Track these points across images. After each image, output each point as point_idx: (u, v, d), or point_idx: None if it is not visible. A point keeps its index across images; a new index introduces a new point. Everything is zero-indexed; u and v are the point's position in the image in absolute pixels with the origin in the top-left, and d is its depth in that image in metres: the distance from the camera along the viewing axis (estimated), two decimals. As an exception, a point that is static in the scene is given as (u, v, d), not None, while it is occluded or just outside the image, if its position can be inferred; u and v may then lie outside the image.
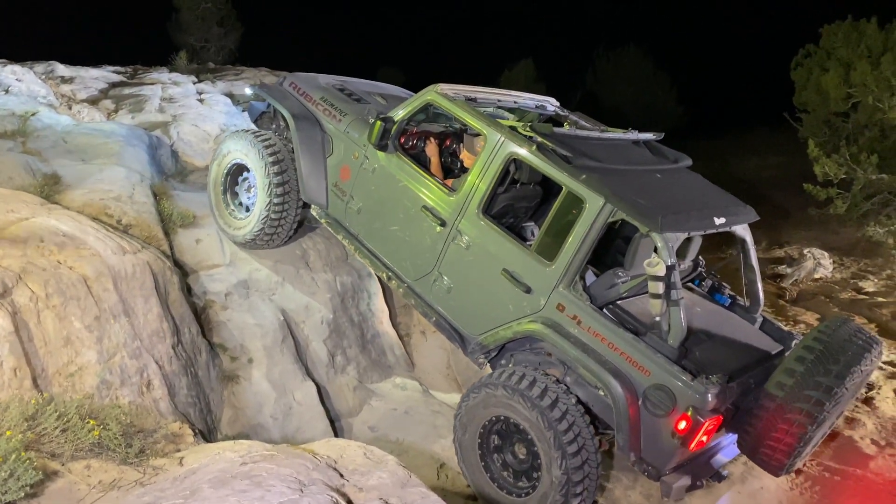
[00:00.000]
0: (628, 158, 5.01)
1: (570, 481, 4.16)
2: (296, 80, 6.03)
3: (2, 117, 6.71)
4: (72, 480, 3.07)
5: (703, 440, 4.02)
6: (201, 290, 5.57)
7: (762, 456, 4.15)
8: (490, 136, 4.76)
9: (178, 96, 9.33)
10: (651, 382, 4.03)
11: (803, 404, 3.88)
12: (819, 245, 11.21)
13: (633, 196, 4.27)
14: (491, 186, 4.72)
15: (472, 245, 4.72)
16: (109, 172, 5.90)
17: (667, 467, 4.13)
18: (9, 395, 3.45)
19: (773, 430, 3.98)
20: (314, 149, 5.53)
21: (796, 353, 4.05)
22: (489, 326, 4.72)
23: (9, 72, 8.52)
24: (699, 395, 3.88)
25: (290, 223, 5.78)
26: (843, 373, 3.87)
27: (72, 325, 3.99)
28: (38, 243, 4.20)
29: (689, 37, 30.50)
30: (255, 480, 2.78)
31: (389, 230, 5.19)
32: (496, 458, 4.63)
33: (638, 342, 4.14)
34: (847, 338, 4.05)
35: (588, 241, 4.31)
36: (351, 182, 5.40)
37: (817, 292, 9.85)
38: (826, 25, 12.51)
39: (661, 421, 4.01)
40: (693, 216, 4.35)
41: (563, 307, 4.36)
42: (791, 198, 14.02)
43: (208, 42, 15.81)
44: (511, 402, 4.35)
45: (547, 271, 4.41)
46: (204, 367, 5.04)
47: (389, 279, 5.28)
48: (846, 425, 6.06)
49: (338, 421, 5.72)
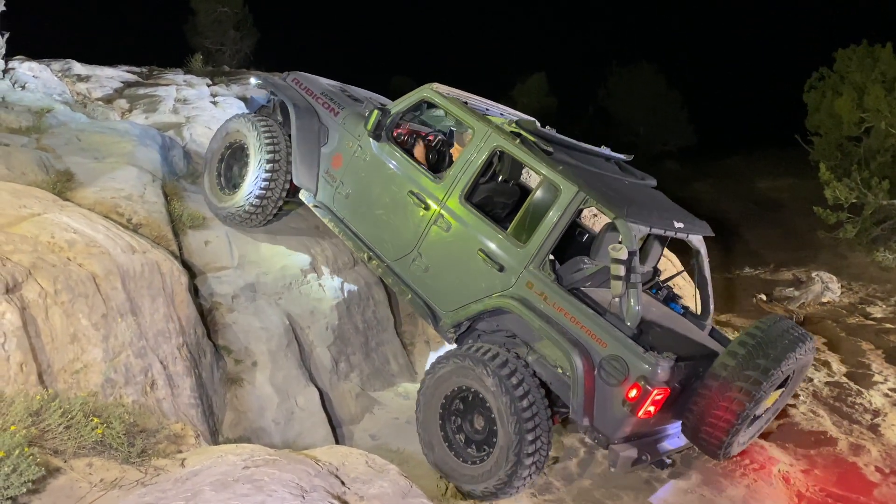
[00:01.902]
0: (601, 167, 5.48)
1: (523, 443, 4.45)
2: (298, 77, 6.43)
3: (18, 113, 6.76)
4: (73, 478, 3.06)
5: (651, 410, 4.34)
6: (208, 292, 5.58)
7: (703, 434, 4.51)
8: (478, 129, 5.18)
9: (192, 98, 9.39)
10: (607, 353, 4.41)
11: (743, 383, 4.30)
12: (827, 269, 11.17)
13: (603, 189, 4.74)
14: (474, 176, 5.13)
15: (453, 227, 5.11)
16: (122, 171, 5.92)
17: (616, 436, 4.46)
18: (14, 389, 3.45)
19: (715, 407, 4.38)
20: (310, 138, 5.91)
21: (739, 339, 4.51)
22: (462, 302, 5.08)
23: (26, 68, 8.60)
24: (650, 366, 4.24)
25: (271, 205, 5.98)
26: (780, 357, 4.33)
27: (79, 322, 4.00)
28: (49, 239, 4.22)
29: (702, 56, 30.54)
30: (257, 485, 2.77)
31: (374, 213, 5.56)
32: (455, 428, 4.90)
33: (597, 317, 4.53)
34: (783, 331, 4.52)
35: (559, 226, 4.74)
36: (342, 169, 5.77)
37: (824, 316, 9.81)
38: (840, 49, 12.51)
39: (613, 389, 4.37)
40: (655, 215, 4.83)
41: (532, 284, 4.76)
42: (800, 220, 13.98)
43: (224, 45, 15.90)
44: (474, 371, 4.68)
45: (520, 252, 4.82)
46: (208, 369, 5.03)
47: (370, 259, 5.61)
48: (851, 451, 6.02)
49: (339, 427, 5.70)
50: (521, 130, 5.08)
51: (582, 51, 31.25)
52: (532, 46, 31.96)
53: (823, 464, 5.84)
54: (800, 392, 7.17)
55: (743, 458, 5.60)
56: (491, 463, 4.61)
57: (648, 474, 5.35)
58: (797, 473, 5.64)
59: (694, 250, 5.55)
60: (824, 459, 5.91)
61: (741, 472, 5.44)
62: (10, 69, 8.45)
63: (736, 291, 11.19)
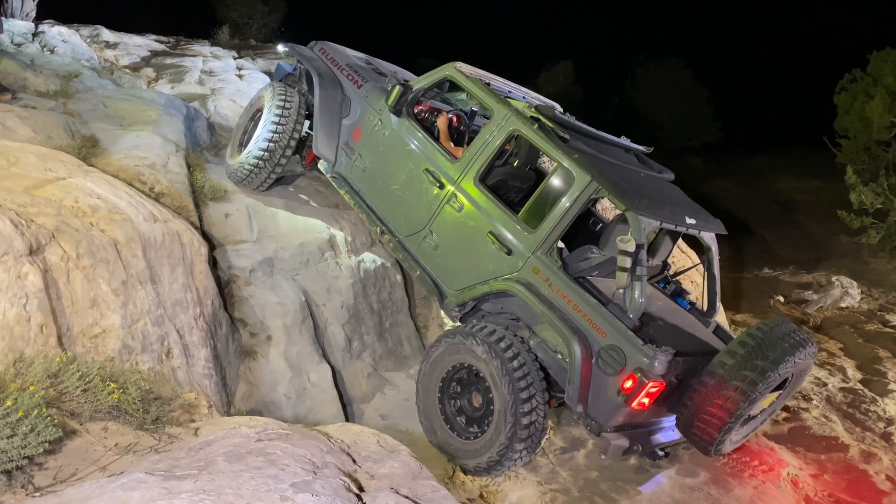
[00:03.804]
0: (618, 157, 5.42)
1: (518, 424, 4.49)
2: (325, 47, 6.51)
3: (46, 77, 6.80)
4: (89, 441, 3.10)
5: (645, 402, 4.39)
6: (226, 265, 5.61)
7: (696, 430, 4.57)
8: (497, 111, 5.17)
9: (218, 70, 9.40)
10: (606, 343, 4.45)
11: (739, 382, 4.32)
12: (848, 274, 11.02)
13: (617, 180, 4.72)
14: (490, 157, 5.14)
15: (465, 208, 5.13)
16: (146, 140, 5.94)
17: (608, 424, 4.51)
18: (34, 350, 3.48)
19: (710, 404, 4.42)
20: (332, 108, 5.96)
21: (739, 339, 4.54)
22: (468, 282, 5.14)
23: (56, 33, 8.63)
24: (648, 358, 4.26)
25: (267, 170, 6.04)
26: (778, 360, 4.35)
27: (99, 287, 4.03)
28: (73, 204, 4.25)
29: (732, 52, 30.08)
30: (270, 458, 2.79)
31: (390, 189, 5.59)
32: (455, 410, 4.95)
33: (600, 307, 4.56)
34: (784, 334, 4.53)
35: (570, 214, 4.76)
36: (362, 142, 5.80)
37: (842, 321, 9.70)
38: (875, 52, 12.27)
39: (610, 378, 4.42)
40: (667, 209, 4.81)
41: (539, 270, 4.79)
42: (823, 223, 13.80)
43: (251, 19, 15.89)
44: (464, 345, 4.78)
45: (529, 237, 4.84)
46: (223, 341, 5.07)
47: (382, 234, 5.66)
48: (862, 459, 5.97)
49: (350, 406, 5.73)
50: (539, 115, 5.07)
51: (611, 41, 30.92)
52: (561, 34, 31.66)
53: (833, 469, 5.80)
54: (813, 396, 7.12)
55: (752, 459, 5.58)
56: (491, 431, 4.65)
57: (655, 470, 5.34)
58: (806, 478, 5.61)
59: (705, 247, 5.55)
60: (834, 465, 5.87)
61: (750, 472, 5.42)
62: (40, 32, 8.49)
63: (753, 292, 11.08)
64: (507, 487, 4.75)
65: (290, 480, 2.61)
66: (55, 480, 2.80)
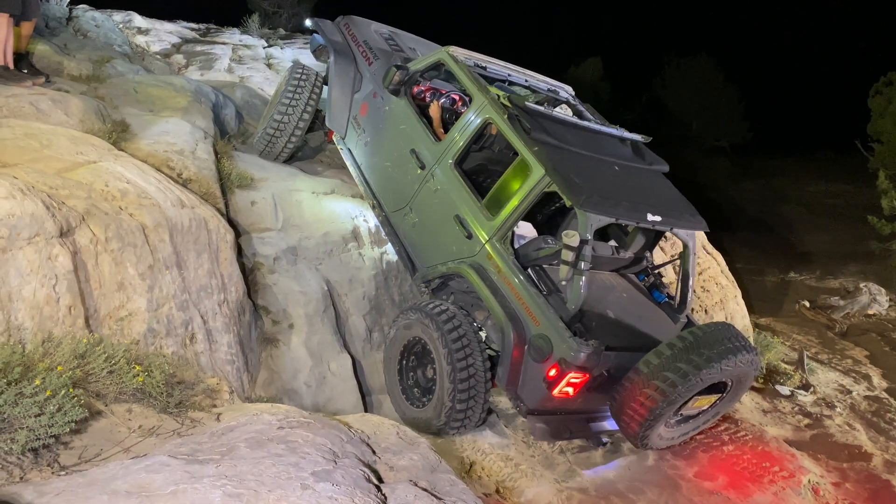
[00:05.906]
0: (597, 148, 5.39)
1: (456, 391, 4.66)
2: (349, 22, 6.72)
3: (78, 61, 6.87)
4: (114, 422, 3.14)
5: (568, 391, 4.55)
6: (251, 252, 5.65)
7: (622, 422, 4.73)
8: (476, 98, 5.31)
9: (247, 59, 9.46)
10: (538, 331, 4.61)
11: (660, 383, 4.43)
12: (876, 280, 10.83)
13: (571, 174, 4.76)
14: (466, 142, 5.28)
15: (439, 190, 5.33)
16: (175, 126, 5.99)
17: (534, 407, 4.71)
18: (62, 331, 3.54)
19: (633, 400, 4.56)
20: (345, 83, 6.21)
21: (669, 341, 4.60)
22: (434, 261, 5.41)
23: (89, 17, 8.73)
24: (572, 351, 4.39)
25: (282, 142, 6.43)
26: (702, 365, 4.41)
27: (126, 270, 4.08)
28: (103, 187, 4.30)
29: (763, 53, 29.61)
30: (291, 446, 2.81)
31: (383, 164, 5.87)
32: (411, 376, 5.21)
33: (539, 296, 4.71)
34: (721, 339, 4.57)
35: (524, 204, 4.87)
36: (366, 118, 6.07)
37: (869, 328, 9.54)
38: (913, 54, 12.00)
39: (537, 366, 4.59)
40: (623, 206, 4.78)
41: (492, 257, 4.97)
42: (852, 228, 13.56)
43: (281, 8, 15.96)
44: (410, 318, 5.06)
45: (488, 224, 5.01)
46: (246, 328, 5.11)
47: (373, 207, 5.97)
48: (885, 469, 5.88)
49: (369, 396, 5.75)
50: (509, 104, 5.14)
51: (641, 38, 30.59)
52: (592, 29, 31.39)
53: (855, 478, 5.71)
54: (837, 403, 7.01)
55: (772, 464, 5.51)
56: (435, 398, 4.84)
57: (673, 472, 5.30)
58: (827, 486, 5.53)
59: (682, 244, 5.51)
60: (857, 474, 5.78)
61: (770, 478, 5.35)
62: (74, 17, 8.59)
63: (779, 296, 10.94)
64: (523, 484, 4.74)
65: (310, 469, 2.63)
66: (80, 460, 2.84)
